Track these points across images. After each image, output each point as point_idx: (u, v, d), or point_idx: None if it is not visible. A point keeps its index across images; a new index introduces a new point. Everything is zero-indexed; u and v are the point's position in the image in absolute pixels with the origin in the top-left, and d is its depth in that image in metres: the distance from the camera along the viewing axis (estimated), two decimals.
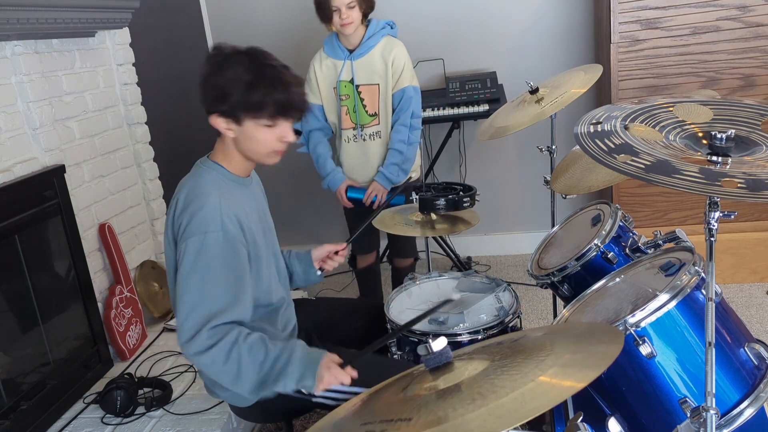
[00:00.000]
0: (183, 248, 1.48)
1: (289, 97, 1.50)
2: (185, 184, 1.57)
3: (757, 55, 2.81)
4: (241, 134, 1.52)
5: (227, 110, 1.49)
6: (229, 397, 1.65)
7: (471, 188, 2.20)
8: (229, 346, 1.45)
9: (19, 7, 2.06)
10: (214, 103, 1.50)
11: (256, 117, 1.50)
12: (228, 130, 1.53)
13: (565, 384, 0.86)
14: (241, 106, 1.48)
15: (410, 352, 1.75)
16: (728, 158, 1.07)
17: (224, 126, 1.52)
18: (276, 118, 1.51)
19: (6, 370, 2.08)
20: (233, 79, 1.47)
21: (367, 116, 2.58)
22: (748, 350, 1.28)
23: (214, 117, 1.51)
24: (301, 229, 3.90)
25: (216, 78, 1.48)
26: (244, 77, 1.47)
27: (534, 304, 3.09)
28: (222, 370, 1.46)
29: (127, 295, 2.63)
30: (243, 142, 1.54)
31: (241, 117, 1.50)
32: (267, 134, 1.52)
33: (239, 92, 1.47)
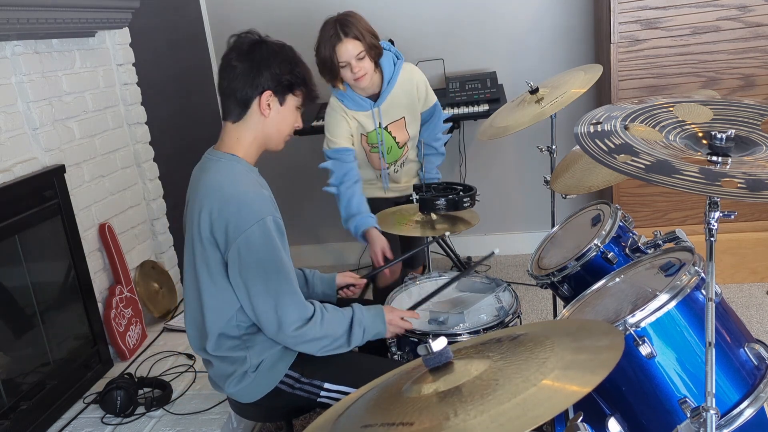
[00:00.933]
0: (242, 242, 1.48)
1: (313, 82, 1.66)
2: (207, 180, 1.56)
3: (757, 55, 2.81)
4: (277, 114, 1.60)
5: (285, 86, 1.58)
6: (234, 393, 1.65)
7: (471, 188, 2.20)
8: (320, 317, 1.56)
9: (19, 7, 2.06)
10: (270, 81, 1.56)
11: (300, 96, 1.62)
12: (267, 109, 1.58)
13: (568, 389, 0.85)
14: (300, 81, 1.60)
15: (410, 352, 1.75)
16: (728, 158, 1.07)
17: (265, 106, 1.57)
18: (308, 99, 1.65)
19: (6, 370, 2.08)
20: (291, 61, 1.58)
21: (398, 149, 2.53)
22: (748, 350, 1.28)
23: (265, 96, 1.56)
24: (301, 229, 3.90)
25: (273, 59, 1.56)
26: (298, 59, 1.61)
27: (534, 304, 3.09)
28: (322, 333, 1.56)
29: (127, 295, 2.63)
30: (273, 125, 1.61)
31: (294, 92, 1.60)
32: (295, 116, 1.65)
33: (299, 73, 1.59)
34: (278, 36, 1.63)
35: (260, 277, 1.50)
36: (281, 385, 1.62)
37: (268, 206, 1.53)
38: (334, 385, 1.61)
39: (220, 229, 1.50)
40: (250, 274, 1.50)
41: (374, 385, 1.16)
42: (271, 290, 1.51)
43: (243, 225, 1.48)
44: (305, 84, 1.62)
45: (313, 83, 1.65)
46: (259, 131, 1.61)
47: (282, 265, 1.52)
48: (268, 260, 1.50)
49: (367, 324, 1.63)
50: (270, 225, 1.50)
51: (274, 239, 1.51)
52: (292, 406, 1.67)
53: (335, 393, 1.61)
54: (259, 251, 1.49)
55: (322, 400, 1.62)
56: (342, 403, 1.14)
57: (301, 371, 1.61)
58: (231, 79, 1.56)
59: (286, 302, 1.52)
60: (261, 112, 1.58)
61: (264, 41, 1.59)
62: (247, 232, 1.48)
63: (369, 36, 2.28)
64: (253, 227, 1.48)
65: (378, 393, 1.09)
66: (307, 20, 3.54)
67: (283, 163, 3.79)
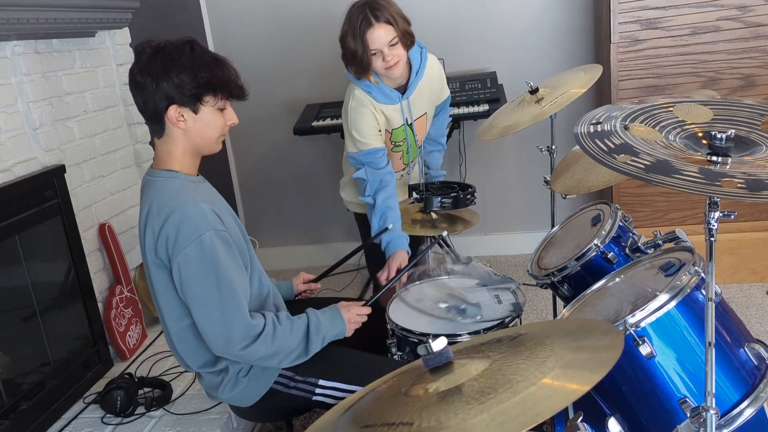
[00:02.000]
0: (181, 261, 1.44)
1: (235, 76, 1.53)
2: (149, 202, 1.52)
3: (757, 55, 2.81)
4: (196, 122, 1.50)
5: (190, 96, 1.47)
6: (230, 399, 1.65)
7: (469, 186, 2.20)
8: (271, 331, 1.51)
9: (19, 7, 2.06)
10: (172, 92, 1.46)
11: (216, 97, 1.50)
12: (180, 121, 1.49)
13: (568, 387, 0.86)
14: (208, 90, 1.48)
15: (410, 352, 1.75)
16: (728, 158, 1.07)
17: (176, 119, 1.49)
18: (231, 99, 1.53)
19: (6, 370, 2.08)
20: (190, 64, 1.46)
21: (416, 148, 2.36)
22: (748, 350, 1.28)
23: (171, 110, 1.47)
24: (301, 229, 3.90)
25: (173, 69, 1.46)
26: (206, 61, 1.48)
27: (534, 304, 3.09)
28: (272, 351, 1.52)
29: (127, 295, 2.63)
30: (196, 132, 1.52)
31: (202, 100, 1.49)
32: (219, 118, 1.53)
33: (203, 74, 1.47)
34: (279, 36, 1.60)
35: (202, 296, 1.46)
36: (276, 386, 1.61)
37: (206, 221, 1.45)
38: (329, 381, 1.60)
39: (162, 249, 1.47)
40: (193, 293, 1.46)
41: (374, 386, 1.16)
42: (214, 308, 1.46)
43: (182, 243, 1.44)
44: (216, 88, 1.49)
45: (229, 80, 1.51)
46: (184, 142, 1.53)
47: (224, 282, 1.46)
48: (209, 277, 1.45)
49: (326, 328, 1.60)
50: (209, 240, 1.44)
51: (216, 254, 1.44)
52: (289, 406, 1.67)
53: (330, 389, 1.60)
54: (198, 269, 1.44)
55: (318, 398, 1.61)
56: (342, 404, 1.14)
57: (295, 370, 1.61)
58: (137, 96, 1.50)
59: (231, 320, 1.46)
60: (176, 125, 1.50)
61: (161, 50, 1.47)
62: (185, 250, 1.43)
63: (401, 21, 2.08)
64: (191, 245, 1.43)
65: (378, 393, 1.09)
66: (308, 20, 3.55)
67: (283, 163, 3.80)
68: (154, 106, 1.49)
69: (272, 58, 3.60)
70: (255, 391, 1.61)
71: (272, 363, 1.55)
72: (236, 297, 1.48)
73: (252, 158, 3.84)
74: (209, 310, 1.47)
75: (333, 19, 3.50)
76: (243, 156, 3.86)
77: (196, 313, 1.48)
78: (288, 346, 1.54)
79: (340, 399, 1.57)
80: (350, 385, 1.59)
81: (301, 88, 3.63)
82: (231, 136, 3.85)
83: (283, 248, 3.92)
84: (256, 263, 1.67)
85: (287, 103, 3.67)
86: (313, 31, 3.54)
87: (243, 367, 1.60)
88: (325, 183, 3.80)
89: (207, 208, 1.48)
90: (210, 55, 1.51)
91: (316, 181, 3.81)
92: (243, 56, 3.65)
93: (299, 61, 3.60)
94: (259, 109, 3.67)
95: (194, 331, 1.55)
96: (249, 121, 3.74)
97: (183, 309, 1.53)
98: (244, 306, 1.50)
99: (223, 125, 1.55)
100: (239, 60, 4.07)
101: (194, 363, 1.61)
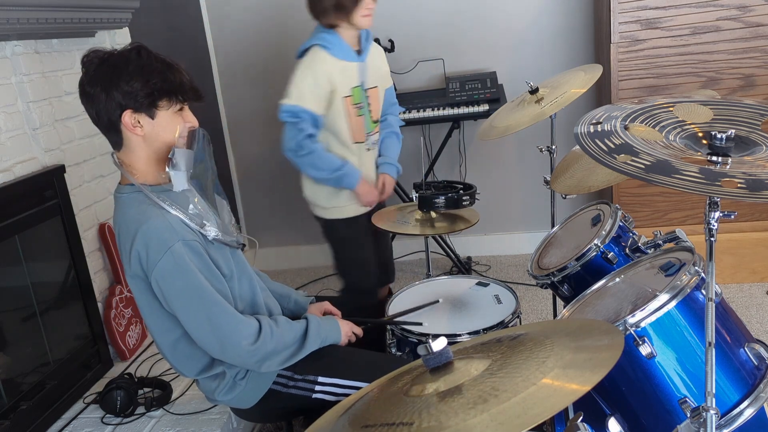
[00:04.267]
0: (158, 275, 1.44)
1: (188, 79, 1.51)
2: (118, 222, 1.52)
3: (757, 55, 2.81)
4: (154, 128, 1.48)
5: (145, 102, 1.45)
6: (229, 402, 1.65)
7: (471, 186, 2.20)
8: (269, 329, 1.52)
9: (19, 7, 2.06)
10: (124, 100, 1.44)
11: (171, 101, 1.48)
12: (136, 128, 1.47)
13: (568, 387, 0.86)
14: (162, 94, 1.46)
15: (410, 352, 1.75)
16: (728, 158, 1.07)
17: (132, 124, 1.47)
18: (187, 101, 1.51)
19: (6, 370, 2.08)
20: (139, 70, 1.44)
21: (372, 124, 2.27)
22: (748, 350, 1.28)
23: (125, 116, 1.46)
24: (301, 229, 3.90)
25: (122, 76, 1.44)
26: (155, 66, 1.46)
27: (534, 304, 3.09)
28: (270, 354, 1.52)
29: (127, 295, 2.63)
30: (155, 137, 1.49)
31: (158, 105, 1.47)
32: (177, 120, 1.51)
33: (155, 79, 1.45)
34: (278, 36, 1.60)
35: (186, 306, 1.46)
36: (275, 386, 1.61)
37: (173, 232, 1.43)
38: (328, 378, 1.60)
39: (138, 266, 1.46)
40: (177, 305, 1.46)
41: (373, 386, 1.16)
42: (201, 317, 1.46)
43: (153, 258, 1.43)
44: (170, 92, 1.47)
45: (182, 83, 1.48)
46: (144, 150, 1.51)
47: (203, 289, 1.45)
48: (188, 288, 1.44)
49: (326, 330, 1.63)
50: (178, 251, 1.43)
51: (187, 264, 1.43)
52: (289, 405, 1.67)
53: (330, 386, 1.60)
54: (175, 281, 1.44)
55: (318, 396, 1.61)
56: (342, 404, 1.14)
57: (294, 369, 1.61)
58: (90, 107, 1.48)
59: (220, 325, 1.47)
60: (132, 132, 1.47)
61: (107, 59, 1.45)
62: (158, 265, 1.43)
63: None
64: (163, 259, 1.42)
65: (378, 393, 1.09)
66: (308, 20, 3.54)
67: (283, 163, 3.79)
68: (108, 116, 1.47)
69: (272, 58, 3.60)
70: (254, 392, 1.61)
71: (270, 364, 1.54)
72: (219, 302, 1.47)
73: (252, 158, 3.84)
74: (197, 318, 1.46)
75: None
76: (243, 156, 3.86)
77: (185, 323, 1.48)
78: (285, 344, 1.55)
79: (340, 395, 1.57)
80: (350, 381, 1.59)
81: None
82: (231, 136, 3.85)
83: (283, 248, 3.92)
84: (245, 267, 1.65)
85: None
86: None
87: (240, 369, 1.59)
88: None
89: (175, 219, 1.46)
90: (159, 60, 1.49)
91: None
92: (243, 56, 3.65)
93: None
94: (259, 109, 3.68)
95: (185, 341, 1.54)
96: (249, 121, 3.74)
97: (171, 321, 1.52)
98: (230, 309, 1.48)
99: (182, 127, 1.52)
100: (239, 60, 4.07)
101: (190, 372, 1.60)
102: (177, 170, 1.49)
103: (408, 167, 3.64)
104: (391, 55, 3.45)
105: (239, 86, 3.71)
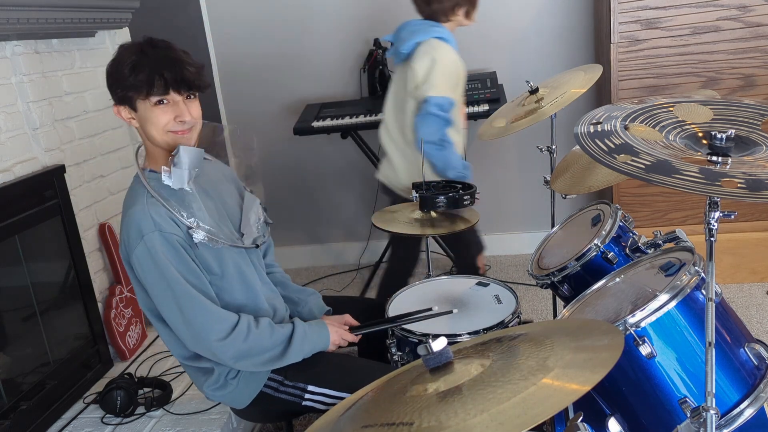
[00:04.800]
0: (134, 261, 1.49)
1: (176, 72, 1.50)
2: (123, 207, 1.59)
3: (757, 55, 2.81)
4: (141, 120, 1.54)
5: (121, 95, 1.51)
6: (221, 399, 1.65)
7: (471, 186, 2.20)
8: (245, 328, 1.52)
9: (19, 7, 2.06)
10: (112, 91, 1.53)
11: (146, 96, 1.50)
12: (131, 119, 1.55)
13: (568, 387, 0.85)
14: (129, 87, 1.49)
15: (410, 352, 1.75)
16: (728, 158, 1.07)
17: (127, 115, 1.54)
18: (164, 94, 1.50)
19: (6, 370, 2.08)
20: (121, 62, 1.49)
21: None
22: (748, 350, 1.28)
23: (115, 110, 1.55)
24: (301, 229, 3.90)
25: (109, 67, 1.52)
26: (129, 59, 1.49)
27: (534, 304, 3.09)
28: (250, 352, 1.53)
29: (127, 295, 2.63)
30: (143, 128, 1.55)
31: (133, 99, 1.51)
32: (161, 114, 1.52)
33: (126, 74, 1.48)
34: (278, 37, 1.60)
35: (159, 295, 1.49)
36: (266, 389, 1.61)
37: (151, 222, 1.47)
38: (318, 387, 1.60)
39: (123, 247, 1.53)
40: (151, 293, 1.51)
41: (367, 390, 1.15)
42: (173, 308, 1.49)
43: (132, 244, 1.48)
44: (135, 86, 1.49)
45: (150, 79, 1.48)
46: (145, 138, 1.59)
47: (174, 281, 1.47)
48: (161, 278, 1.47)
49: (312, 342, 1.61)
50: (150, 242, 1.46)
51: (159, 256, 1.46)
52: (281, 409, 1.66)
53: (319, 395, 1.59)
54: (149, 270, 1.48)
55: (308, 404, 1.61)
56: (342, 404, 1.14)
57: (284, 375, 1.61)
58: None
59: (192, 318, 1.48)
60: (130, 123, 1.57)
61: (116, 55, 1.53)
62: (135, 252, 1.48)
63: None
64: (138, 247, 1.47)
65: (378, 393, 1.09)
66: (307, 20, 3.55)
67: (283, 163, 3.79)
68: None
69: (272, 58, 3.60)
70: (245, 393, 1.61)
71: (246, 363, 1.54)
72: (191, 294, 1.48)
73: None
74: (169, 309, 1.50)
75: (333, 20, 3.52)
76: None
77: (161, 312, 1.52)
78: (263, 346, 1.53)
79: (330, 405, 1.56)
80: (339, 392, 1.58)
81: (301, 88, 3.63)
82: (231, 136, 3.85)
83: (282, 248, 3.92)
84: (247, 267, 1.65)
85: (287, 103, 3.67)
86: (313, 32, 3.54)
87: (232, 369, 1.60)
88: (324, 183, 3.80)
89: (160, 210, 1.49)
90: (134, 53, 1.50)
91: (316, 182, 3.81)
92: (243, 56, 3.65)
93: (299, 61, 3.60)
94: (259, 109, 3.68)
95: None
96: (249, 121, 3.74)
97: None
98: (204, 302, 1.49)
99: (168, 120, 1.52)
100: (239, 60, 4.07)
101: (178, 354, 1.63)
102: (177, 168, 1.52)
103: None
104: None
105: (239, 86, 3.71)
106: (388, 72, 3.45)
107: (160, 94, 1.50)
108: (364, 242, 3.83)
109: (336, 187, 3.81)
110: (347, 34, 3.52)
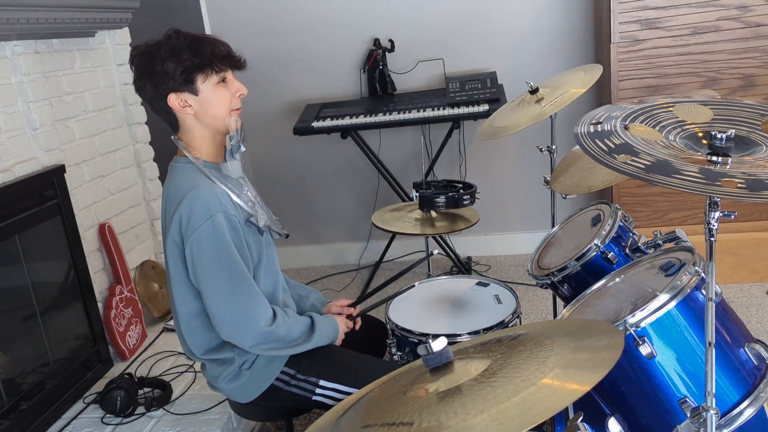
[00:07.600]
0: (193, 241, 1.47)
1: (225, 49, 1.55)
2: (167, 187, 1.58)
3: (757, 55, 2.81)
4: (200, 104, 1.54)
5: (182, 82, 1.50)
6: (231, 391, 1.65)
7: (471, 186, 2.20)
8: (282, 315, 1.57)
9: (19, 7, 2.06)
10: (165, 84, 1.50)
11: (206, 73, 1.51)
12: (186, 107, 1.54)
13: (568, 387, 0.85)
14: (195, 69, 1.50)
15: (410, 352, 1.75)
16: (728, 158, 1.07)
17: (180, 105, 1.53)
18: (225, 70, 1.54)
19: (6, 370, 2.08)
20: (174, 52, 1.49)
21: None
22: (748, 350, 1.28)
23: (170, 98, 1.52)
24: (301, 229, 3.90)
25: (156, 63, 1.50)
26: (184, 44, 1.50)
27: (534, 304, 3.09)
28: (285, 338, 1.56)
29: (127, 295, 2.63)
30: (204, 113, 1.55)
31: (196, 82, 1.51)
32: (223, 92, 1.55)
33: (187, 59, 1.49)
34: (278, 37, 1.61)
35: (213, 276, 1.49)
36: (277, 383, 1.62)
37: (218, 203, 1.49)
38: (330, 382, 1.61)
39: (177, 230, 1.50)
40: (203, 273, 1.49)
41: (373, 386, 1.16)
42: (224, 290, 1.49)
43: (194, 223, 1.47)
44: (203, 65, 1.51)
45: (213, 54, 1.51)
46: (198, 127, 1.57)
47: (235, 264, 1.49)
48: (221, 258, 1.48)
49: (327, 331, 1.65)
50: (218, 221, 1.47)
51: (225, 236, 1.48)
52: (289, 404, 1.67)
53: (330, 391, 1.60)
54: (210, 248, 1.47)
55: (318, 398, 1.62)
56: (343, 404, 1.14)
57: (297, 368, 1.62)
58: (145, 100, 1.58)
59: (243, 303, 1.50)
60: (183, 112, 1.54)
61: (145, 49, 1.52)
62: (197, 230, 1.46)
63: None
64: (203, 225, 1.46)
65: (378, 393, 1.09)
66: (308, 20, 3.55)
67: (283, 163, 3.80)
68: (158, 102, 1.54)
69: (272, 58, 3.60)
70: (256, 385, 1.61)
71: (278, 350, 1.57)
72: (247, 278, 1.51)
73: (252, 158, 3.84)
74: (219, 290, 1.49)
75: (333, 20, 3.52)
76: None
77: (206, 296, 1.50)
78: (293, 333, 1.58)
79: (338, 401, 1.57)
80: (350, 388, 1.59)
81: (301, 88, 3.63)
82: None
83: (282, 248, 3.92)
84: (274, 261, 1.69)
85: (287, 103, 3.68)
86: (313, 32, 3.54)
87: (248, 358, 1.60)
88: (324, 183, 3.81)
89: (222, 192, 1.52)
90: (189, 37, 1.52)
91: (316, 181, 3.82)
92: (243, 56, 3.65)
93: (299, 61, 3.60)
94: (259, 109, 3.68)
95: (202, 318, 1.58)
96: (249, 121, 3.74)
97: (193, 293, 1.56)
98: (255, 287, 1.52)
99: (230, 98, 1.57)
100: None
101: (198, 349, 1.62)
102: (234, 159, 1.56)
103: (408, 167, 3.65)
104: (391, 55, 3.46)
105: None
106: (388, 72, 3.45)
107: (227, 67, 1.53)
108: (364, 242, 3.83)
109: (336, 187, 3.81)
110: (347, 34, 3.52)
